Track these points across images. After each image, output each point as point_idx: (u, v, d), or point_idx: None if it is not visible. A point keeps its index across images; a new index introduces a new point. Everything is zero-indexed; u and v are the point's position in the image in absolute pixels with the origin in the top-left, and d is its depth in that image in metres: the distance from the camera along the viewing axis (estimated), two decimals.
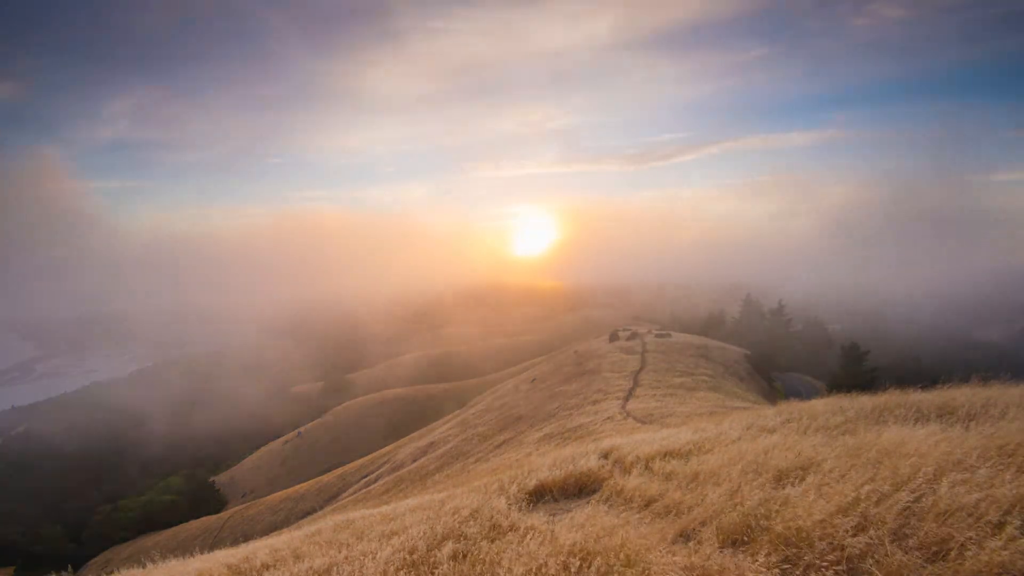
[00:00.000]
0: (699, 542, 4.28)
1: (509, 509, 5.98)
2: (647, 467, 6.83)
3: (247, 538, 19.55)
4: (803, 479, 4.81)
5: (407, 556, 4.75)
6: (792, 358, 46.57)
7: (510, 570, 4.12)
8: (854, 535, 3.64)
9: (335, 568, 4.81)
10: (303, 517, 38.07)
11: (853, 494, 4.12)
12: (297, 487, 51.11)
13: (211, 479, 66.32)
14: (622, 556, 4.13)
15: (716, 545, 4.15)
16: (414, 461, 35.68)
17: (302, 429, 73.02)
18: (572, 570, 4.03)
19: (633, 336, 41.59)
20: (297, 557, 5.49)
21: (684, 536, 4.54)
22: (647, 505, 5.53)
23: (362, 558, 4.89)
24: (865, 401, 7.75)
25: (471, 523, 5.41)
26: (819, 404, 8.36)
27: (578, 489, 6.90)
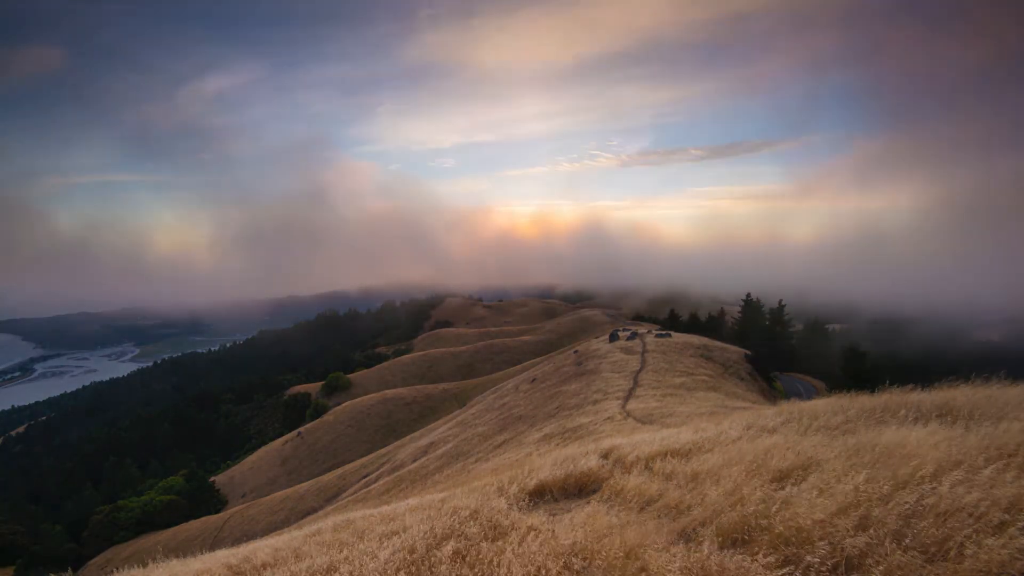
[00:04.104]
0: (699, 542, 4.28)
1: (509, 509, 5.98)
2: (647, 467, 6.84)
3: (247, 538, 19.56)
4: (803, 479, 4.82)
5: (407, 556, 4.75)
6: (792, 358, 46.63)
7: (510, 570, 4.12)
8: (854, 535, 3.65)
9: (336, 567, 4.81)
10: (303, 517, 38.10)
11: (853, 494, 4.13)
12: (297, 487, 51.15)
13: (211, 479, 66.30)
14: (622, 556, 4.14)
15: (716, 545, 4.15)
16: (414, 461, 35.68)
17: (302, 429, 72.93)
18: (573, 570, 4.04)
19: (633, 336, 41.59)
20: (298, 557, 5.49)
21: (684, 536, 4.55)
22: (647, 505, 5.54)
23: (362, 558, 4.89)
24: (865, 401, 7.75)
25: (471, 523, 5.41)
26: (819, 404, 8.35)
27: (578, 489, 6.91)
